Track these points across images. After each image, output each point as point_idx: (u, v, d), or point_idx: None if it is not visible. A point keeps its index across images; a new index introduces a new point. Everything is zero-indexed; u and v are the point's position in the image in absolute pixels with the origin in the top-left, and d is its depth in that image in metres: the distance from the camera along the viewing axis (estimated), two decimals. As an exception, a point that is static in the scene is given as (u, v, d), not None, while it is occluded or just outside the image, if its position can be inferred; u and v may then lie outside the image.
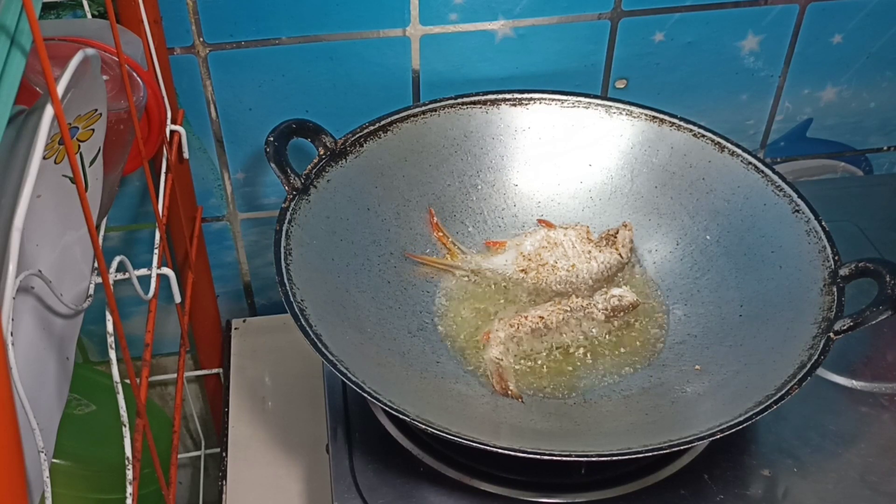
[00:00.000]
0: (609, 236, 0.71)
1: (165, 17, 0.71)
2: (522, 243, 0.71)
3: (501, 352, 0.64)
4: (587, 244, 0.71)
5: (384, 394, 0.55)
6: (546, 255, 0.70)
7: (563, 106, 0.75)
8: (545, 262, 0.70)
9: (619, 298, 0.67)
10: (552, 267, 0.70)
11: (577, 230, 0.72)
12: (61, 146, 0.43)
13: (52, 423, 0.44)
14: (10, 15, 0.37)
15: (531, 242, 0.71)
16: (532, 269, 0.70)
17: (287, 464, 0.76)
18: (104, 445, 0.85)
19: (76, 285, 0.48)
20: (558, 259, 0.70)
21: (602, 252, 0.70)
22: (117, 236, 0.84)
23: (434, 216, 0.72)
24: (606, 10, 0.77)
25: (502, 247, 0.72)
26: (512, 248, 0.72)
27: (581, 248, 0.70)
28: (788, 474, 0.61)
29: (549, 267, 0.70)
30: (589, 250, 0.70)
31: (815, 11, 0.80)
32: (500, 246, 0.72)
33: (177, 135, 0.71)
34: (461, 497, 0.60)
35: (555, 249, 0.70)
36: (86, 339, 0.91)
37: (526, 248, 0.71)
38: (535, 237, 0.71)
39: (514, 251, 0.71)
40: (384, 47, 0.76)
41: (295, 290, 0.60)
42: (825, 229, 0.65)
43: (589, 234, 0.71)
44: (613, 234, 0.71)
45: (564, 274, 0.69)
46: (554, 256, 0.70)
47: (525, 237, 0.72)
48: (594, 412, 0.62)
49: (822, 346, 0.59)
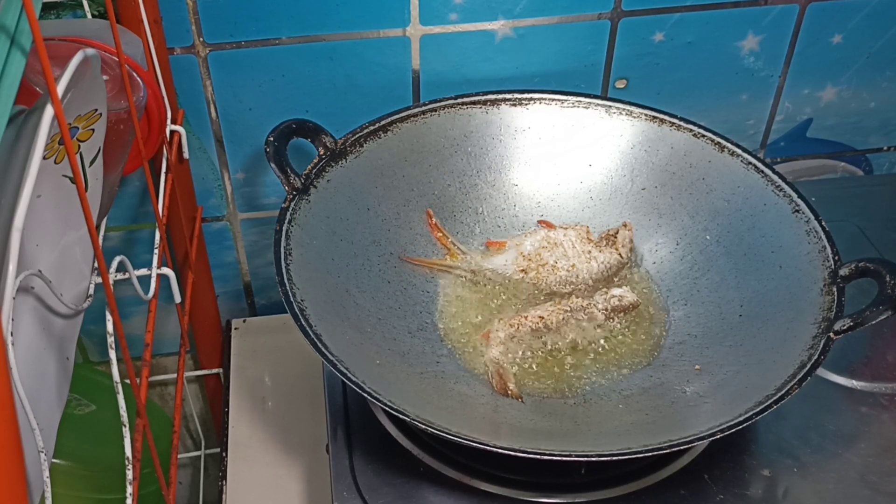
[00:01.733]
0: (609, 236, 0.71)
1: (165, 17, 0.71)
2: (522, 243, 0.71)
3: (501, 352, 0.64)
4: (587, 244, 0.71)
5: (384, 394, 0.55)
6: (546, 255, 0.70)
7: (563, 106, 0.75)
8: (545, 262, 0.70)
9: (619, 298, 0.67)
10: (552, 267, 0.70)
11: (577, 230, 0.72)
12: (61, 146, 0.43)
13: (52, 423, 0.44)
14: (10, 15, 0.37)
15: (531, 242, 0.71)
16: (532, 269, 0.70)
17: (287, 464, 0.76)
18: (104, 445, 0.85)
19: (76, 285, 0.48)
20: (558, 259, 0.70)
21: (602, 252, 0.70)
22: (117, 236, 0.84)
23: (432, 217, 0.72)
24: (606, 10, 0.77)
25: (502, 247, 0.72)
26: (512, 248, 0.72)
27: (581, 248, 0.70)
28: (788, 474, 0.61)
29: (549, 267, 0.70)
30: (589, 250, 0.70)
31: (815, 11, 0.80)
32: (501, 246, 0.72)
33: (177, 135, 0.71)
34: (461, 497, 0.60)
35: (555, 249, 0.70)
36: (86, 339, 0.91)
37: (526, 248, 0.71)
38: (536, 237, 0.72)
39: (514, 251, 0.71)
40: (384, 47, 0.76)
41: (295, 290, 0.60)
42: (825, 229, 0.65)
43: (589, 235, 0.71)
44: (613, 234, 0.71)
45: (564, 274, 0.69)
46: (554, 256, 0.70)
47: (525, 237, 0.72)
48: (594, 412, 0.62)
49: (822, 346, 0.59)
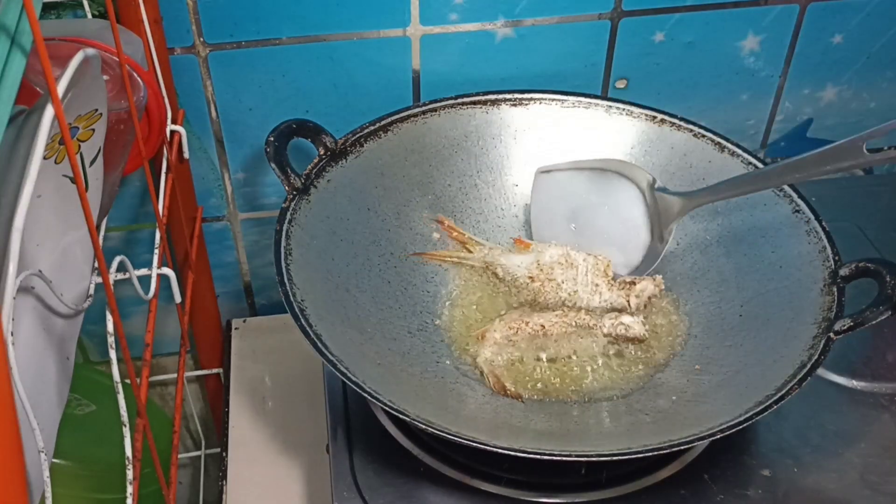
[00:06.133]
0: (630, 283, 0.68)
1: (165, 17, 0.71)
2: (545, 252, 0.70)
3: (494, 352, 0.64)
4: (600, 277, 0.69)
5: (384, 394, 0.55)
6: (558, 271, 0.69)
7: (563, 106, 0.75)
8: (554, 278, 0.69)
9: (626, 328, 0.64)
10: (557, 285, 0.69)
11: (598, 260, 0.69)
12: (62, 146, 0.44)
13: (52, 423, 0.44)
14: (11, 15, 0.37)
15: (551, 255, 0.70)
16: (540, 279, 0.69)
17: (287, 464, 0.76)
18: (104, 445, 0.85)
19: (76, 285, 0.48)
20: (566, 280, 0.69)
21: (610, 291, 0.68)
22: (117, 236, 0.84)
23: (445, 222, 0.72)
24: (606, 10, 0.77)
25: (527, 248, 0.71)
26: (534, 252, 0.70)
27: (592, 278, 0.69)
28: (788, 474, 0.61)
29: (555, 284, 0.69)
30: (597, 283, 0.68)
31: (815, 11, 0.80)
32: (526, 247, 0.71)
33: (177, 135, 0.71)
34: (461, 497, 0.60)
35: (568, 270, 0.69)
36: (86, 339, 0.91)
37: (546, 258, 0.70)
38: (558, 251, 0.70)
39: (534, 256, 0.70)
40: (384, 47, 0.76)
41: (295, 290, 0.60)
42: (825, 229, 0.65)
43: (607, 269, 0.69)
44: (635, 281, 0.68)
45: (565, 297, 0.68)
46: (564, 276, 0.69)
47: (549, 247, 0.70)
48: (594, 412, 0.62)
49: (822, 346, 0.59)
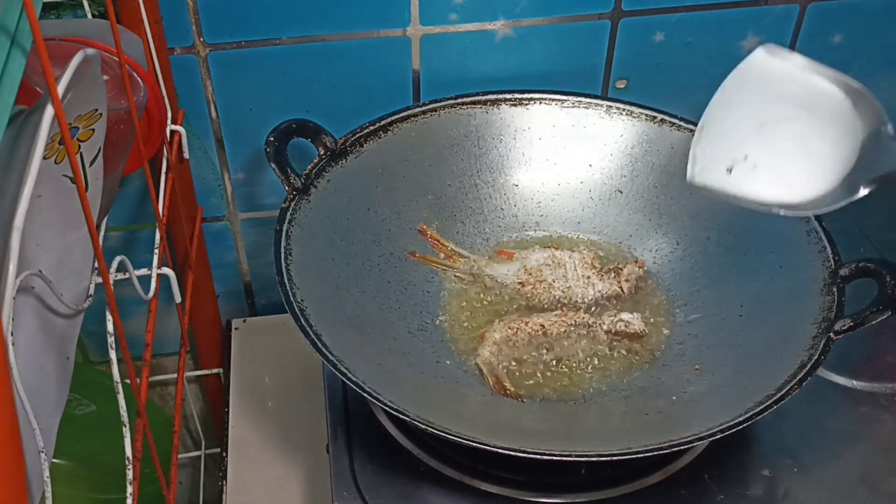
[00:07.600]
0: (616, 268, 0.70)
1: (165, 17, 0.71)
2: (529, 258, 0.71)
3: (493, 352, 0.64)
4: (589, 269, 0.70)
5: (384, 394, 0.55)
6: (547, 272, 0.70)
7: (563, 106, 0.75)
8: (544, 278, 0.70)
9: (625, 324, 0.66)
10: (549, 285, 0.69)
11: (583, 255, 0.71)
12: (61, 146, 0.43)
13: (52, 423, 0.44)
14: (11, 15, 0.37)
15: (536, 259, 0.71)
16: (530, 283, 0.70)
17: (287, 464, 0.76)
18: (104, 445, 0.85)
19: (76, 285, 0.48)
20: (557, 279, 0.70)
21: (602, 281, 0.69)
22: (117, 236, 0.84)
23: (427, 232, 0.72)
24: (606, 10, 0.77)
25: (510, 257, 0.72)
26: (519, 259, 0.71)
27: (582, 272, 0.70)
28: (788, 474, 0.61)
29: (546, 285, 0.69)
30: (589, 276, 0.70)
31: (815, 11, 0.80)
32: (509, 256, 0.72)
33: (177, 135, 0.71)
34: (461, 497, 0.60)
35: (556, 269, 0.70)
36: (86, 339, 0.91)
37: (531, 262, 0.71)
38: (542, 254, 0.71)
39: (519, 263, 0.71)
40: (384, 47, 0.76)
41: (295, 290, 0.60)
42: (825, 229, 0.65)
43: (594, 261, 0.71)
44: (621, 266, 0.70)
45: (559, 294, 0.69)
46: (554, 276, 0.70)
47: (533, 252, 0.72)
48: (594, 412, 0.62)
49: (822, 346, 0.59)
